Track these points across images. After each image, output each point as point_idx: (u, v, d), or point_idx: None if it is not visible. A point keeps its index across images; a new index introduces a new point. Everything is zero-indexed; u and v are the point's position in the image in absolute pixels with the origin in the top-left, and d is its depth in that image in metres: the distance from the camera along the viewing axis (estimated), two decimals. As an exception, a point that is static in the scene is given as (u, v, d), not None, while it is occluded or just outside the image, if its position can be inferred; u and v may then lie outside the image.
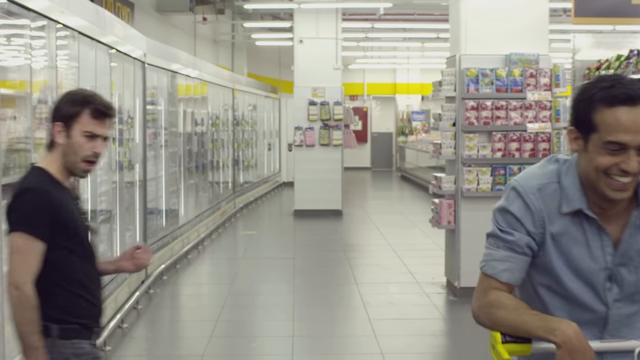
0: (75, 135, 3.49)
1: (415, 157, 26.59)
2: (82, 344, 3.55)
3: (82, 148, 3.48)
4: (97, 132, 3.49)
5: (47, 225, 3.42)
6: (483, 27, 9.72)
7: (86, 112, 3.48)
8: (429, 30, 23.77)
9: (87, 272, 3.58)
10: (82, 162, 3.50)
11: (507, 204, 2.72)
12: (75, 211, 3.58)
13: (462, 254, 9.65)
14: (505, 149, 9.51)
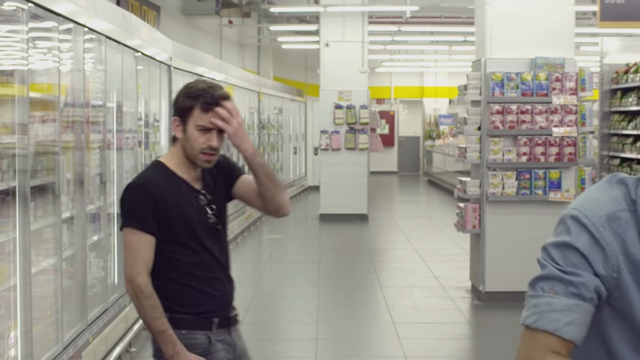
0: (190, 130, 3.57)
1: (443, 161, 26.62)
2: (194, 335, 3.61)
3: (197, 142, 3.55)
4: (210, 125, 3.55)
5: (152, 218, 3.55)
6: (508, 30, 9.79)
7: (197, 106, 3.55)
8: (456, 33, 23.83)
9: (201, 263, 3.61)
10: (201, 154, 3.57)
11: (571, 239, 2.06)
12: (190, 204, 3.62)
13: (487, 258, 9.72)
14: (530, 153, 9.58)
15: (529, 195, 9.61)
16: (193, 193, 3.65)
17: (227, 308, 3.72)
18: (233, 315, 3.75)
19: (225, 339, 3.69)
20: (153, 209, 3.55)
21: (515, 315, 9.13)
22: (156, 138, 10.21)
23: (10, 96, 5.51)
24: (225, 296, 3.71)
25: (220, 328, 3.67)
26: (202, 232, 3.63)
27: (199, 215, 3.63)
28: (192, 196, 3.65)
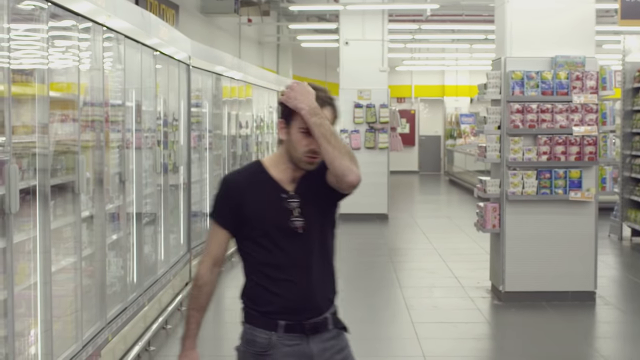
0: (293, 132, 3.62)
1: (464, 161, 26.62)
2: (254, 331, 3.65)
3: (300, 144, 3.59)
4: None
5: (228, 212, 3.66)
6: (528, 29, 9.82)
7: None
8: (477, 31, 23.85)
9: (273, 263, 3.60)
10: (304, 157, 3.60)
11: None
12: (271, 203, 3.62)
13: (507, 258, 9.76)
14: (550, 153, 9.60)
15: (549, 194, 9.64)
16: (280, 194, 3.64)
17: (299, 313, 3.64)
18: (313, 323, 3.66)
19: (298, 346, 3.65)
20: (229, 204, 3.65)
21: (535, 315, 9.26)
22: (175, 137, 10.30)
23: (30, 95, 5.60)
24: (296, 300, 3.63)
25: (288, 332, 3.63)
26: (278, 233, 3.61)
27: (279, 216, 3.61)
28: (278, 197, 3.64)
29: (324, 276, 3.71)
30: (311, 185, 3.67)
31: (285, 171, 3.68)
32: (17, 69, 5.42)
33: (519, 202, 9.72)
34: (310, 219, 3.64)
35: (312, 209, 3.65)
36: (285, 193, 3.64)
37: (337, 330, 3.76)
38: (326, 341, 3.70)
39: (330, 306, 3.75)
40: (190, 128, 10.97)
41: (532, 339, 8.39)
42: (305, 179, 3.69)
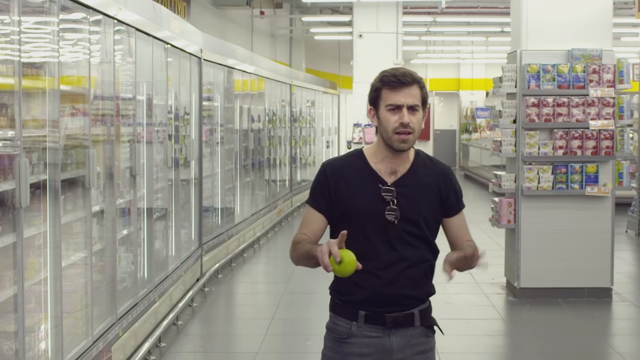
0: (382, 114, 3.65)
1: (479, 155, 26.59)
2: (337, 320, 3.73)
3: (389, 122, 3.61)
4: (398, 102, 3.61)
5: (324, 198, 3.72)
6: (545, 22, 9.81)
7: (384, 87, 3.65)
8: (493, 24, 23.81)
9: (360, 254, 3.52)
10: (395, 135, 3.62)
11: None
12: (367, 193, 3.66)
13: (522, 254, 9.76)
14: (567, 147, 9.60)
15: (565, 189, 9.64)
16: (378, 184, 3.67)
17: (381, 305, 3.65)
18: (395, 317, 3.67)
19: (378, 338, 3.68)
20: (326, 190, 3.71)
21: (550, 311, 9.24)
22: (186, 131, 10.33)
23: (41, 89, 5.63)
24: (378, 292, 3.63)
25: (368, 323, 3.67)
26: (370, 224, 3.65)
27: (374, 207, 3.64)
28: (374, 186, 3.67)
29: (412, 271, 3.69)
30: (414, 185, 3.71)
31: (384, 161, 3.71)
32: (28, 62, 5.45)
33: (535, 197, 9.72)
34: (404, 213, 3.65)
35: (407, 204, 3.67)
36: (384, 184, 3.67)
37: (426, 329, 3.78)
38: (409, 338, 3.72)
39: (419, 303, 3.75)
40: (201, 122, 11.00)
41: (547, 336, 8.39)
42: (408, 178, 3.71)
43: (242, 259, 12.70)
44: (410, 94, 3.62)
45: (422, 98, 3.67)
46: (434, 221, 3.76)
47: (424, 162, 3.79)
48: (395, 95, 3.62)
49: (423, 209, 3.70)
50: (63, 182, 5.87)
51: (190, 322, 8.94)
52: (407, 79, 3.63)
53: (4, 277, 5.14)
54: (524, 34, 9.83)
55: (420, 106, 3.65)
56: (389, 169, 3.70)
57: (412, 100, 3.62)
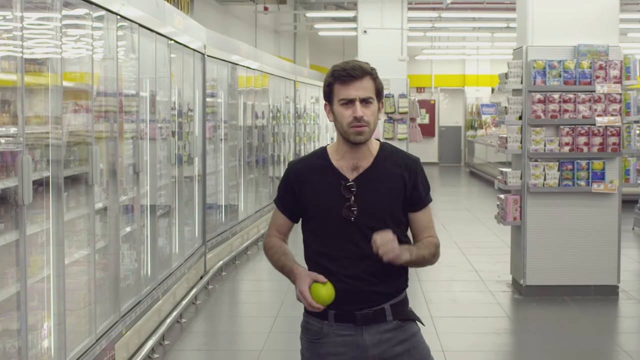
0: (335, 108, 3.68)
1: (485, 152, 26.57)
2: (308, 319, 3.79)
3: (343, 116, 3.63)
4: (350, 96, 3.62)
5: (287, 200, 3.80)
6: (551, 17, 9.79)
7: (336, 82, 3.67)
8: (499, 19, 23.78)
9: (326, 253, 3.66)
10: (350, 129, 3.63)
11: None
12: (329, 191, 3.67)
13: (528, 251, 9.75)
14: (573, 143, 9.59)
15: (572, 186, 9.63)
16: (340, 181, 3.69)
17: (350, 303, 3.65)
18: (365, 314, 3.68)
19: (351, 336, 3.70)
20: (290, 190, 3.77)
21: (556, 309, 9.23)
22: (190, 128, 10.33)
23: (44, 85, 5.63)
24: (346, 291, 3.63)
25: (338, 322, 3.69)
26: (332, 222, 3.68)
27: (335, 205, 3.66)
28: (336, 183, 3.69)
29: (379, 266, 3.63)
30: (376, 180, 3.70)
31: (345, 157, 3.73)
32: (30, 59, 5.46)
33: (541, 194, 9.71)
34: (366, 209, 3.66)
35: (369, 200, 3.67)
36: (345, 180, 3.68)
37: (401, 322, 3.75)
38: (383, 333, 3.71)
39: (389, 298, 3.73)
40: (205, 118, 11.00)
41: (553, 334, 8.39)
42: (370, 172, 3.72)
43: (246, 257, 12.71)
44: (362, 87, 3.63)
45: (376, 89, 3.67)
46: (400, 215, 3.75)
47: (388, 155, 3.78)
48: (346, 90, 3.63)
49: (387, 204, 3.70)
50: (66, 179, 5.88)
51: (194, 320, 8.95)
52: (357, 72, 3.63)
53: (6, 275, 5.15)
54: (529, 29, 9.81)
55: (374, 98, 3.66)
56: (351, 164, 3.72)
57: (365, 93, 3.63)
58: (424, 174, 3.85)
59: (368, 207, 3.65)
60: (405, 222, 3.79)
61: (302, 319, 3.83)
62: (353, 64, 3.68)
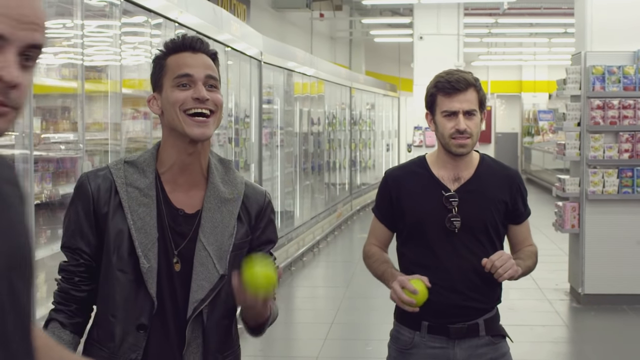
0: (438, 119, 3.61)
1: (542, 159, 26.37)
2: (400, 329, 3.71)
3: (445, 128, 3.57)
4: (453, 108, 3.56)
5: (387, 209, 3.74)
6: (610, 22, 9.70)
7: (439, 93, 3.61)
8: (556, 25, 23.60)
9: (422, 264, 3.59)
10: (452, 140, 3.57)
11: None
12: (429, 201, 3.62)
13: (587, 259, 9.65)
14: (632, 150, 9.49)
15: (631, 193, 9.52)
16: (440, 191, 3.62)
17: (444, 316, 3.58)
18: (459, 328, 3.59)
19: (442, 349, 3.62)
20: (388, 200, 3.71)
21: (615, 319, 9.10)
22: (247, 134, 10.38)
23: (103, 92, 5.70)
24: (441, 303, 3.56)
25: (431, 333, 3.61)
26: (433, 233, 3.60)
27: (437, 215, 3.59)
28: (437, 193, 3.62)
29: (477, 281, 3.58)
30: (479, 192, 3.65)
31: (446, 167, 3.67)
32: (90, 66, 5.53)
33: (600, 201, 9.61)
34: (468, 221, 3.59)
35: (472, 212, 3.61)
36: (446, 190, 3.62)
37: (493, 338, 3.66)
38: (475, 348, 3.63)
39: (483, 313, 3.64)
40: (261, 125, 11.05)
41: (612, 344, 8.31)
42: (472, 184, 3.66)
43: (301, 263, 12.73)
44: (466, 99, 3.57)
45: (479, 101, 3.62)
46: (500, 227, 3.68)
47: (489, 167, 3.73)
48: (450, 102, 3.57)
49: (489, 216, 3.63)
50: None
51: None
52: (462, 85, 3.58)
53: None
54: (588, 35, 9.73)
55: (478, 110, 3.60)
56: (452, 175, 3.65)
57: (468, 106, 3.57)
58: (524, 186, 3.82)
59: (471, 219, 3.58)
60: (505, 233, 3.74)
61: (393, 327, 3.74)
62: (457, 75, 3.61)
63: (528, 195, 3.88)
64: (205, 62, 2.73)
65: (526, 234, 3.81)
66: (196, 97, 2.64)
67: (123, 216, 2.64)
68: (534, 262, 3.76)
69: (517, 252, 3.76)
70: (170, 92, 2.67)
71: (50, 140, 5.26)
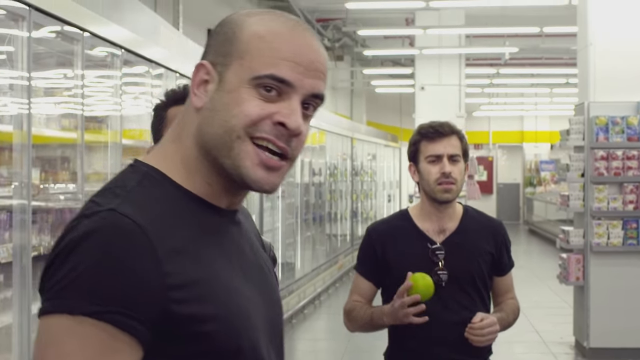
0: (422, 166, 3.62)
1: (544, 210, 26.35)
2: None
3: (430, 173, 3.58)
4: (438, 152, 3.58)
5: (371, 265, 3.69)
6: (613, 72, 9.71)
7: (423, 139, 3.64)
8: (558, 75, 23.72)
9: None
10: (437, 186, 3.57)
11: None
12: (414, 255, 3.58)
13: (592, 312, 9.58)
14: (637, 201, 9.45)
15: (636, 245, 9.47)
16: (425, 243, 3.60)
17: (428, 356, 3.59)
18: None
19: None
20: (373, 255, 3.67)
21: (621, 372, 8.87)
22: (247, 185, 10.34)
23: (103, 142, 5.69)
24: (430, 357, 3.57)
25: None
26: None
27: (423, 269, 3.51)
28: (423, 247, 3.59)
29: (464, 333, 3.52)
30: (464, 243, 3.62)
31: (431, 219, 3.66)
32: (90, 116, 5.52)
33: (604, 253, 9.56)
34: (455, 273, 3.57)
35: (459, 265, 3.58)
36: (432, 243, 3.60)
37: None
38: None
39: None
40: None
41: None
42: (458, 235, 3.64)
43: (302, 315, 12.64)
44: (450, 144, 3.60)
45: (463, 149, 3.63)
46: (487, 279, 3.68)
47: (473, 218, 3.73)
48: (434, 146, 3.59)
49: (476, 268, 3.62)
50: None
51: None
52: (446, 129, 3.62)
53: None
54: (591, 85, 9.74)
55: (461, 156, 3.61)
56: (437, 227, 3.64)
57: (453, 150, 3.59)
58: (508, 237, 3.80)
59: (458, 271, 3.56)
60: (490, 285, 3.73)
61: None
62: (440, 122, 3.67)
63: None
64: None
65: (509, 286, 3.80)
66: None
67: None
68: (515, 317, 3.75)
69: (500, 305, 3.76)
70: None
71: (49, 191, 5.24)
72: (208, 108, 1.60)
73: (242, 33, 1.59)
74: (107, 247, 1.44)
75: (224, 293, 1.55)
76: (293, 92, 1.56)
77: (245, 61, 1.57)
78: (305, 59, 1.56)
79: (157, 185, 1.59)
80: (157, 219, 1.51)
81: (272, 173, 1.59)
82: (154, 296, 1.45)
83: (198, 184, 1.62)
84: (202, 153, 1.60)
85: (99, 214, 1.48)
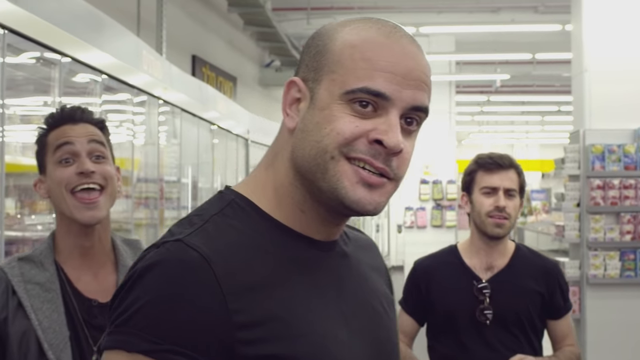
0: (475, 197, 3.53)
1: (536, 240, 26.27)
2: None
3: (483, 205, 3.49)
4: (494, 184, 3.49)
5: (414, 301, 3.63)
6: (609, 100, 9.64)
7: (479, 170, 3.55)
8: (550, 103, 23.72)
9: (457, 357, 3.47)
10: (489, 219, 3.48)
11: None
12: (460, 292, 3.50)
13: (588, 345, 9.47)
14: (635, 232, 9.36)
15: (634, 277, 9.38)
16: (472, 281, 3.51)
17: None
18: None
19: None
20: (417, 291, 3.61)
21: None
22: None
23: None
24: None
25: None
26: (464, 325, 3.48)
27: (467, 307, 3.48)
28: (469, 284, 3.51)
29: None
30: (512, 282, 3.52)
31: (479, 254, 3.56)
32: (69, 144, 5.40)
33: (601, 285, 9.45)
34: (501, 313, 3.47)
35: (505, 304, 3.48)
36: (479, 281, 3.50)
37: None
38: None
39: None
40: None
41: None
42: (506, 274, 3.54)
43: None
44: (508, 177, 3.50)
45: (520, 184, 3.54)
46: (537, 321, 3.55)
47: (525, 256, 3.61)
48: (490, 178, 3.50)
49: (523, 308, 3.50)
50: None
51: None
52: (505, 162, 3.52)
53: None
54: (587, 112, 9.66)
55: (518, 192, 3.51)
56: (485, 263, 3.55)
57: (509, 184, 3.49)
58: (564, 278, 3.67)
59: (503, 310, 3.45)
60: (542, 328, 3.60)
61: None
62: (500, 154, 3.58)
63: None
64: (88, 131, 2.48)
65: (567, 331, 3.65)
66: (80, 171, 2.41)
67: (25, 317, 2.32)
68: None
69: (556, 352, 3.63)
70: (53, 170, 2.44)
71: (25, 222, 5.12)
72: (300, 129, 1.49)
73: (333, 44, 1.48)
74: (168, 280, 1.38)
75: (308, 336, 1.43)
76: (390, 106, 1.46)
77: (337, 75, 1.46)
78: (402, 68, 1.47)
79: (240, 215, 1.49)
80: (230, 251, 1.42)
81: (375, 191, 1.50)
82: (215, 334, 1.36)
83: (290, 213, 1.51)
84: (298, 178, 1.50)
85: (166, 245, 1.43)
